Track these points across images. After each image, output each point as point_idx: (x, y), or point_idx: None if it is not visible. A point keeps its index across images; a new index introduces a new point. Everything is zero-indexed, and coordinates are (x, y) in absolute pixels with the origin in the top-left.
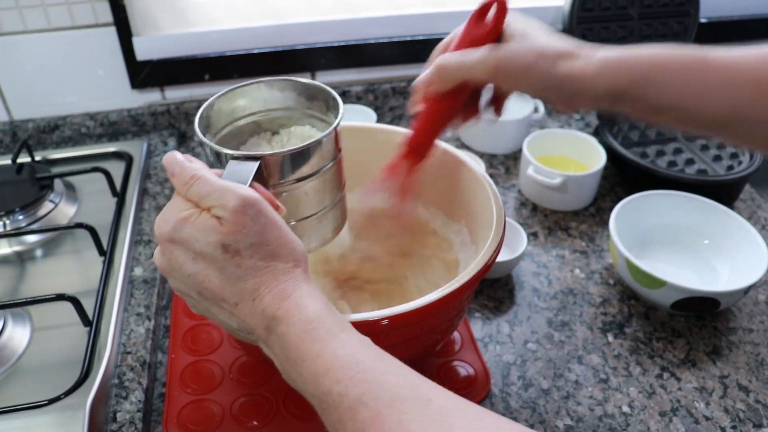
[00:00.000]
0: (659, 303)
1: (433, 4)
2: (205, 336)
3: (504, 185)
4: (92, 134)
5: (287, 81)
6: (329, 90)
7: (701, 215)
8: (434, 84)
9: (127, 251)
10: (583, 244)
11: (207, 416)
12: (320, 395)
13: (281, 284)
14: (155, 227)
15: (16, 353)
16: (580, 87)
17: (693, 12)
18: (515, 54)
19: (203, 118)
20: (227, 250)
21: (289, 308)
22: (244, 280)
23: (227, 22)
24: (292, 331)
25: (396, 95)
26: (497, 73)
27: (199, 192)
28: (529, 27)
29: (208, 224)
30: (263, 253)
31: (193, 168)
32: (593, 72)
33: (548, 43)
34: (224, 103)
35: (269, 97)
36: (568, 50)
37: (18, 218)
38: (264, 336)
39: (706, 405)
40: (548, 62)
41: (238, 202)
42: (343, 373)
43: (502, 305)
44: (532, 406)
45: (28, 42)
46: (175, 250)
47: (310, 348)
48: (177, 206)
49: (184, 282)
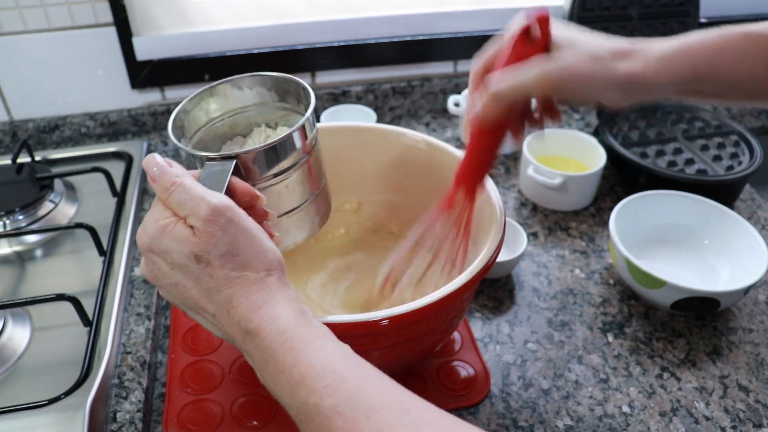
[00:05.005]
0: (659, 303)
1: (433, 4)
2: (205, 336)
3: (504, 185)
4: (92, 134)
5: (256, 77)
6: (299, 81)
7: (701, 215)
8: (490, 109)
9: (127, 251)
10: (583, 244)
11: (207, 416)
12: (297, 406)
13: (252, 295)
14: (137, 238)
15: (16, 353)
16: (644, 85)
17: (693, 12)
18: (573, 63)
19: (177, 123)
20: (200, 260)
21: (261, 320)
22: (218, 292)
23: (227, 22)
24: (266, 342)
25: (396, 95)
26: (558, 86)
27: (177, 200)
28: (573, 32)
29: (182, 234)
30: (234, 263)
31: (173, 174)
32: (655, 68)
33: (599, 45)
34: (195, 105)
35: (240, 95)
36: (622, 49)
37: (18, 218)
38: (243, 346)
39: (706, 405)
40: (606, 65)
41: (209, 211)
42: (317, 383)
43: (502, 305)
44: (532, 406)
45: (28, 42)
46: (157, 260)
47: (285, 359)
48: (156, 214)
49: (168, 291)
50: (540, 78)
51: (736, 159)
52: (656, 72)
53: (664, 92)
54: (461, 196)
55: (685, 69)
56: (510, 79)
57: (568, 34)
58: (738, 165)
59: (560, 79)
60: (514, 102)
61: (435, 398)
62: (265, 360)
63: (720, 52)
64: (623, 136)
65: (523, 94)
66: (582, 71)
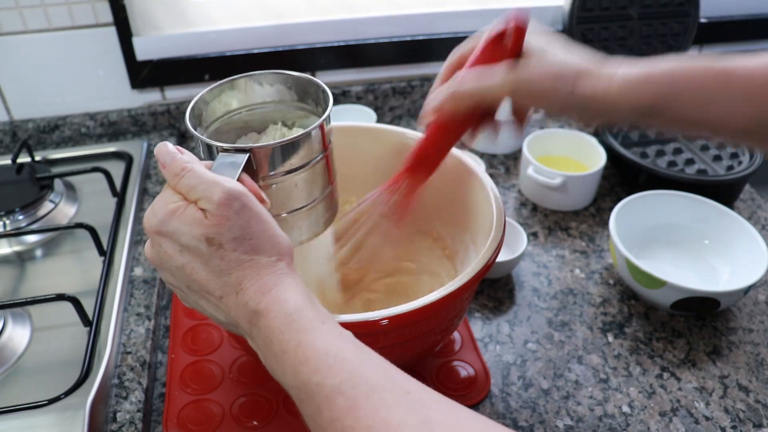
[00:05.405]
0: (659, 303)
1: (433, 4)
2: (205, 336)
3: (504, 185)
4: (92, 134)
5: (277, 74)
6: (319, 83)
7: (701, 215)
8: (448, 106)
9: (127, 251)
10: (583, 244)
11: (207, 416)
12: (299, 385)
13: (263, 278)
14: (144, 219)
15: (16, 353)
16: (604, 106)
17: (693, 12)
18: (533, 76)
19: (194, 112)
20: (211, 243)
21: (270, 302)
22: (228, 274)
23: (227, 22)
24: (273, 324)
25: (396, 95)
26: (515, 95)
27: (188, 184)
28: (547, 42)
29: (194, 217)
30: (246, 246)
31: (183, 160)
32: (616, 91)
33: (567, 61)
34: (215, 96)
35: (260, 90)
36: (587, 68)
37: (18, 218)
38: (248, 329)
39: (706, 405)
40: (568, 83)
41: (223, 195)
42: (321, 363)
43: (502, 305)
44: (532, 406)
45: (28, 42)
46: (164, 243)
47: (290, 339)
48: (166, 198)
49: (172, 274)
50: (498, 85)
51: (736, 159)
52: (616, 96)
53: (623, 117)
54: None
55: (646, 96)
56: (472, 81)
57: (541, 45)
58: (738, 165)
59: (517, 90)
60: (472, 103)
61: None
62: (269, 341)
63: (684, 85)
64: (623, 136)
65: (482, 98)
66: (540, 86)
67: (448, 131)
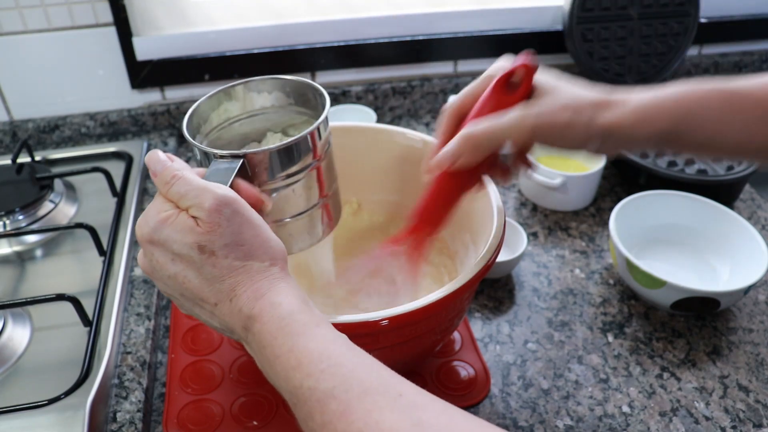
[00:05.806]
0: (659, 303)
1: (433, 4)
2: (205, 336)
3: (504, 185)
4: (92, 134)
5: (275, 80)
6: (316, 86)
7: (701, 215)
8: (464, 156)
9: (127, 251)
10: (583, 244)
11: (207, 416)
12: (292, 389)
13: (256, 283)
14: (136, 228)
15: (16, 353)
16: (622, 136)
17: (693, 12)
18: (552, 111)
19: (193, 121)
20: (203, 250)
21: (263, 306)
22: (221, 281)
23: (227, 22)
24: (266, 328)
25: (396, 95)
26: (535, 134)
27: (178, 192)
28: (555, 79)
29: (185, 225)
30: (239, 252)
31: (173, 167)
32: (632, 120)
33: (580, 94)
34: (212, 105)
35: (258, 97)
36: (601, 100)
37: (18, 218)
38: (243, 335)
39: (706, 405)
40: (586, 115)
41: (214, 201)
42: (314, 367)
43: (502, 305)
44: (532, 406)
45: (28, 42)
46: (156, 252)
47: (283, 344)
48: (157, 206)
49: (166, 283)
50: (517, 124)
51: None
52: (633, 124)
53: (643, 144)
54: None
55: (664, 121)
56: (484, 124)
57: (550, 81)
58: (738, 165)
59: (538, 126)
60: (489, 149)
61: None
62: (263, 345)
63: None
64: None
65: (500, 138)
66: (560, 120)
67: (457, 182)
